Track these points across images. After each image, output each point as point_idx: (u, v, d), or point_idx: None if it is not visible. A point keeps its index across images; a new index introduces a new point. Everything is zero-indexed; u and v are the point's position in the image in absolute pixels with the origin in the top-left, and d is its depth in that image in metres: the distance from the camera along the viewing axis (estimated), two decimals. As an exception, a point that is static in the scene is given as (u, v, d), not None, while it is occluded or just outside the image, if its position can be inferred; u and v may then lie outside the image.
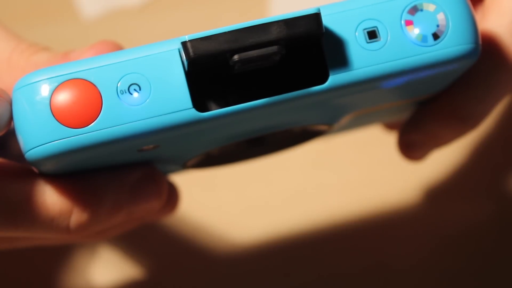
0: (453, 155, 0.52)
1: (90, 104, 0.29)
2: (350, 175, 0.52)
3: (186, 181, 0.43)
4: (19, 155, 0.31)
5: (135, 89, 0.29)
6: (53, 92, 0.29)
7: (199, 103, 0.30)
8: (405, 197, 0.52)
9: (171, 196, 0.37)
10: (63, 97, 0.29)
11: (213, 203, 0.52)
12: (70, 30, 0.56)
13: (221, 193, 0.52)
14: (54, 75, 0.29)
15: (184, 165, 0.38)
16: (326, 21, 0.30)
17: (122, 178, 0.33)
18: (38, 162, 0.30)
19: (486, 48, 0.34)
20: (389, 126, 0.46)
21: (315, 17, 0.29)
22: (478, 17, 0.35)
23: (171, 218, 0.51)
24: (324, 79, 0.30)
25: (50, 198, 0.32)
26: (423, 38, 0.30)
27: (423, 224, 0.52)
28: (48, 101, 0.29)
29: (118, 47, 0.33)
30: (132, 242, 0.50)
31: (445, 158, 0.52)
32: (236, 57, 0.29)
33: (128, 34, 0.55)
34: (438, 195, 0.52)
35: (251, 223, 0.51)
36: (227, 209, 0.52)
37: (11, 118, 0.30)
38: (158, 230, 0.51)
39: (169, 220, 0.51)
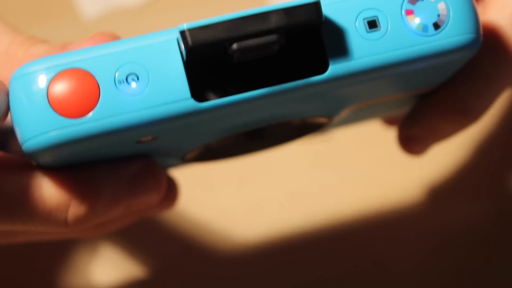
0: (454, 154, 0.52)
1: (88, 94, 0.29)
2: (350, 174, 0.52)
3: (186, 180, 0.43)
4: (18, 153, 0.31)
5: (133, 79, 0.29)
6: (50, 82, 0.29)
7: (197, 93, 0.29)
8: (406, 197, 0.52)
9: (170, 189, 0.36)
10: (60, 87, 0.29)
11: (213, 202, 0.52)
12: (70, 29, 0.55)
13: (221, 192, 0.52)
14: (51, 65, 0.29)
15: (183, 158, 0.37)
16: (326, 10, 0.30)
17: (121, 170, 0.33)
18: (35, 153, 0.30)
19: (487, 40, 0.33)
20: (389, 121, 0.46)
21: (315, 6, 0.29)
22: (479, 9, 0.35)
23: (171, 216, 0.50)
24: (324, 69, 0.29)
25: (48, 191, 0.32)
26: (424, 28, 0.30)
27: (424, 224, 0.51)
28: (45, 91, 0.29)
29: (116, 39, 0.33)
30: (132, 241, 0.50)
31: (445, 158, 0.52)
32: (235, 46, 0.28)
33: (128, 34, 0.55)
34: (439, 195, 0.52)
35: (251, 223, 0.51)
36: (227, 208, 0.52)
37: (8, 108, 0.30)
38: (158, 228, 0.50)
39: (170, 219, 0.51)
